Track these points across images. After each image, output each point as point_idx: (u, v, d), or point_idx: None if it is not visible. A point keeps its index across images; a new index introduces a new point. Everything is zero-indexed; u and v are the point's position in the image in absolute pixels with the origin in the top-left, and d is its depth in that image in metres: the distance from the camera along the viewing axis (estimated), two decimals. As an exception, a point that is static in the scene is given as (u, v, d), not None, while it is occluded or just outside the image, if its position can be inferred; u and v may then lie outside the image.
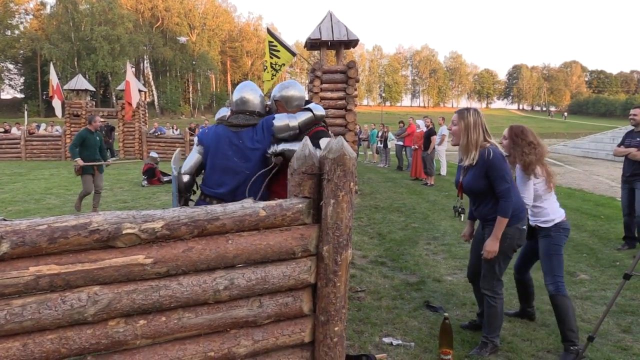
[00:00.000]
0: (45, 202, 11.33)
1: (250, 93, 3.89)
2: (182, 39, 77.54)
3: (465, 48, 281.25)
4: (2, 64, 72.59)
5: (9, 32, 70.63)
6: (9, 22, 70.90)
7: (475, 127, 3.70)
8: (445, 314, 3.98)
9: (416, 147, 15.48)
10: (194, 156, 3.92)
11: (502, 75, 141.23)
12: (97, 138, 9.97)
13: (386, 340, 4.11)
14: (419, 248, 7.15)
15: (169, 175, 15.12)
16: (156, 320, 2.38)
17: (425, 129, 15.40)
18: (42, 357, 2.17)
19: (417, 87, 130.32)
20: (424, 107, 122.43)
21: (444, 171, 16.34)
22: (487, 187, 3.73)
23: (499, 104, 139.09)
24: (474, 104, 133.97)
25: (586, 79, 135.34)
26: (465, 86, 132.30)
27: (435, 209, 10.33)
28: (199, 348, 2.49)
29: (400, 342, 4.08)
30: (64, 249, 2.16)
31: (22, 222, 2.12)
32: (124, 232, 2.23)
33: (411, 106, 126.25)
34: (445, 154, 16.38)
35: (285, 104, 3.98)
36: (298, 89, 4.07)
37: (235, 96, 3.89)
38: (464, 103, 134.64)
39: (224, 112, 4.15)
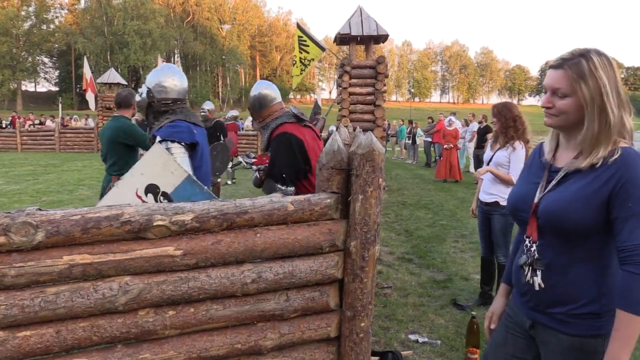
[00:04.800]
0: (78, 192, 11.57)
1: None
2: (226, 27, 78.29)
3: (497, 43, 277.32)
4: (38, 57, 74.44)
5: (44, 27, 72.33)
6: (45, 16, 72.62)
7: (612, 94, 1.76)
8: (473, 313, 3.94)
9: (450, 145, 14.55)
10: None
11: (534, 72, 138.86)
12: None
13: (412, 337, 4.09)
14: (446, 245, 7.09)
15: None
16: (185, 311, 2.41)
17: (472, 127, 15.16)
18: (74, 344, 2.23)
19: (446, 83, 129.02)
20: (454, 103, 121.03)
21: (472, 168, 16.14)
22: (599, 226, 1.77)
23: (530, 100, 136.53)
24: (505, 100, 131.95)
25: (622, 75, 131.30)
26: (496, 82, 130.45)
27: (464, 206, 10.23)
28: (227, 340, 2.52)
29: (426, 339, 4.06)
30: (96, 239, 2.21)
31: (57, 212, 2.17)
32: (154, 223, 2.27)
33: (440, 102, 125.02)
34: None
35: (260, 106, 3.80)
36: (267, 86, 3.80)
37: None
38: (494, 99, 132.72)
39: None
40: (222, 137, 9.66)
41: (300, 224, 2.61)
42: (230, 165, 12.69)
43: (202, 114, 10.26)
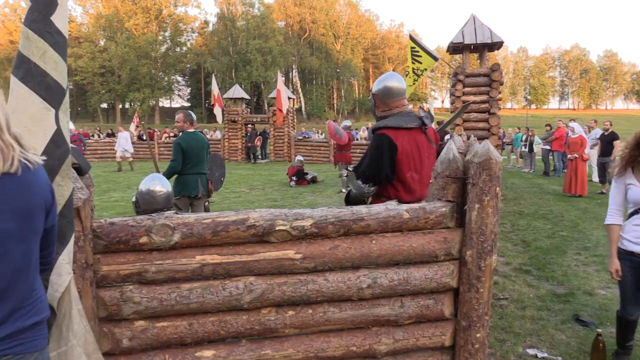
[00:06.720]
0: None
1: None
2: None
3: (622, 46, 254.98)
4: (172, 76, 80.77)
5: (178, 49, 78.37)
6: (178, 39, 78.79)
7: None
8: (598, 330, 3.72)
9: (575, 155, 12.73)
10: None
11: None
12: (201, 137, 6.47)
13: (530, 351, 3.94)
14: (567, 258, 6.72)
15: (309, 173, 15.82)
16: (303, 312, 2.54)
17: (594, 133, 14.24)
18: (204, 337, 2.43)
19: (565, 88, 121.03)
20: (574, 109, 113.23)
21: (595, 177, 15.13)
22: None
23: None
24: (632, 106, 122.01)
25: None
26: (621, 86, 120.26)
27: (587, 217, 9.60)
28: (342, 342, 2.61)
29: (545, 355, 3.89)
30: (224, 241, 2.40)
31: (190, 216, 2.39)
32: (277, 228, 2.42)
33: (559, 108, 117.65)
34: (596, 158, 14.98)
35: (382, 97, 3.74)
36: (397, 80, 3.79)
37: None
38: (619, 104, 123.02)
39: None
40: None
41: (415, 232, 2.65)
42: (345, 173, 12.92)
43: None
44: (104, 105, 78.20)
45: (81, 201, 2.18)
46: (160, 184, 3.81)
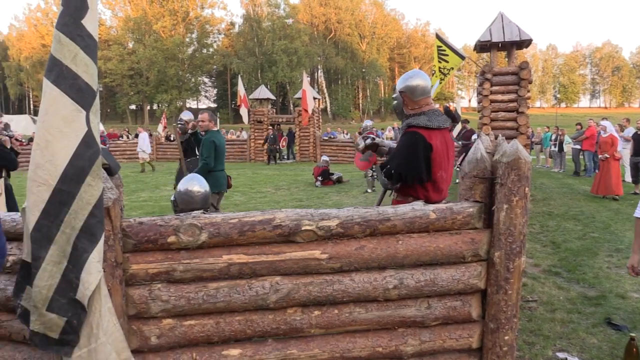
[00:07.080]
0: (233, 199, 12.38)
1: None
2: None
3: None
4: (199, 78, 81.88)
5: (205, 50, 79.36)
6: (205, 41, 79.87)
7: None
8: (632, 334, 3.64)
9: (605, 156, 12.14)
10: None
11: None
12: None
13: (560, 355, 3.88)
14: (599, 260, 6.58)
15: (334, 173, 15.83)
16: (329, 312, 2.54)
17: (628, 132, 13.93)
18: (230, 335, 2.45)
19: (597, 86, 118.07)
20: (605, 107, 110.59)
21: (628, 177, 14.78)
22: None
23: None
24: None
25: None
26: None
27: (619, 218, 9.39)
28: (368, 342, 2.60)
29: (576, 359, 3.83)
30: (251, 241, 2.42)
31: (217, 216, 2.41)
32: (303, 228, 2.43)
33: (590, 107, 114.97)
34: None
35: (411, 95, 3.59)
36: (423, 77, 3.67)
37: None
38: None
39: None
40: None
41: (442, 233, 2.62)
42: (370, 173, 12.88)
43: (180, 125, 8.31)
44: (133, 107, 79.72)
45: (111, 201, 2.22)
46: (198, 184, 3.87)
